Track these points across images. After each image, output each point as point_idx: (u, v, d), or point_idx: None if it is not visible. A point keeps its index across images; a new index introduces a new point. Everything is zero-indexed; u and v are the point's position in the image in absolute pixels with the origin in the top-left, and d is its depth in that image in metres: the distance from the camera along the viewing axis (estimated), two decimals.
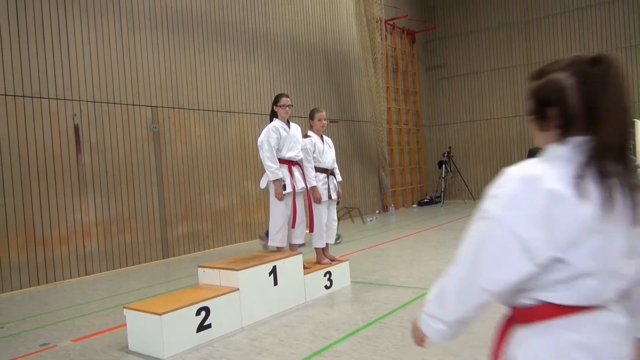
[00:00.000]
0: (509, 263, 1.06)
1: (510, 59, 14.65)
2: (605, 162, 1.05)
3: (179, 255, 8.12)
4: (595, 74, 1.08)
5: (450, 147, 15.39)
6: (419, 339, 1.36)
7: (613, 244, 1.06)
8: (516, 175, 1.10)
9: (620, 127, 1.06)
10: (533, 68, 14.14)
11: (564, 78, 1.11)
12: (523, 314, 1.11)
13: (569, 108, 1.10)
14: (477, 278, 1.11)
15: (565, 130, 1.12)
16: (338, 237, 8.67)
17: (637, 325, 1.20)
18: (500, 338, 1.19)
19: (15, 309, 5.33)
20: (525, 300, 1.11)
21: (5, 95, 6.23)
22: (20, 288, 6.20)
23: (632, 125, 1.17)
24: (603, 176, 1.04)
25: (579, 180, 1.04)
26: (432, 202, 14.79)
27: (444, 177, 14.64)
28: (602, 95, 1.06)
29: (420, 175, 15.55)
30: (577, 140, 1.09)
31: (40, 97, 6.56)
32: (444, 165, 14.76)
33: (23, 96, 6.39)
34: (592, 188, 1.04)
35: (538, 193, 1.04)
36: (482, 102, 15.22)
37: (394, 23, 14.19)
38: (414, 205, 14.63)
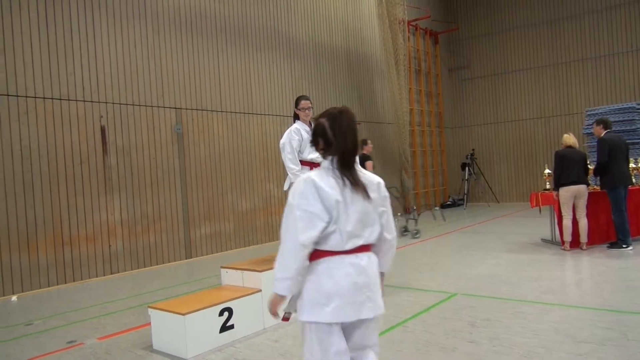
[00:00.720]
0: (312, 226, 1.90)
1: (536, 60, 14.41)
2: (343, 168, 1.97)
3: (202, 255, 8.21)
4: (339, 119, 2.00)
5: (473, 149, 15.21)
6: (274, 311, 2.09)
7: (350, 216, 1.95)
8: (301, 179, 1.97)
9: (349, 150, 1.98)
10: (560, 69, 13.95)
11: (324, 121, 2.01)
12: (312, 255, 1.97)
13: (327, 139, 1.99)
14: (298, 239, 1.89)
15: (325, 151, 2.01)
16: (417, 231, 8.92)
17: (381, 263, 2.15)
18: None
19: (43, 306, 5.46)
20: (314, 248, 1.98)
21: (35, 97, 6.39)
22: (48, 286, 6.35)
23: (357, 148, 2.06)
24: (343, 176, 1.96)
25: (334, 178, 1.95)
26: (454, 204, 14.63)
27: (467, 180, 14.47)
28: (340, 131, 1.98)
29: (443, 177, 15.41)
30: (331, 157, 1.99)
31: (69, 100, 6.71)
32: (467, 168, 14.59)
33: (52, 99, 6.54)
34: (336, 182, 1.95)
35: (311, 186, 1.92)
36: (506, 103, 15.00)
37: (416, 24, 14.10)
38: (437, 208, 14.47)
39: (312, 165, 5.03)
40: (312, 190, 1.92)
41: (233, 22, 8.99)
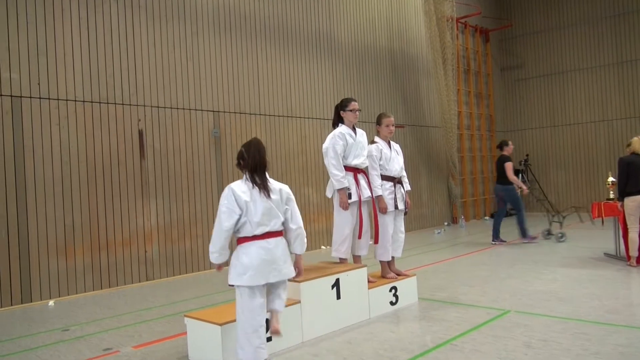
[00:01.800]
0: (230, 218, 3.11)
1: (597, 58, 13.93)
2: (253, 179, 3.22)
3: None
4: (250, 146, 3.33)
5: (527, 155, 14.82)
6: (218, 269, 3.37)
7: (257, 211, 3.16)
8: (227, 187, 3.18)
9: (256, 167, 3.24)
10: (625, 67, 13.43)
11: (242, 149, 3.34)
12: (237, 241, 3.21)
13: (244, 160, 3.28)
14: (222, 226, 3.11)
15: (243, 168, 3.29)
16: (561, 235, 8.86)
17: (294, 246, 3.37)
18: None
19: (79, 312, 5.65)
20: (237, 235, 3.21)
21: (75, 101, 6.66)
22: (85, 291, 6.57)
23: (263, 166, 3.27)
24: (253, 183, 3.21)
25: (246, 185, 3.22)
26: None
27: (521, 188, 14.08)
28: (249, 155, 3.28)
29: (494, 184, 15.05)
30: (246, 171, 3.26)
31: (108, 103, 6.96)
32: (520, 175, 14.21)
33: (92, 102, 6.80)
34: (247, 188, 3.20)
35: (230, 191, 3.16)
36: (564, 105, 14.56)
37: (465, 21, 13.91)
38: (487, 218, 14.18)
39: (356, 171, 5.02)
40: (230, 194, 3.17)
41: (273, 23, 9.11)
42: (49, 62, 6.47)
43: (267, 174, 3.29)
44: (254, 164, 3.24)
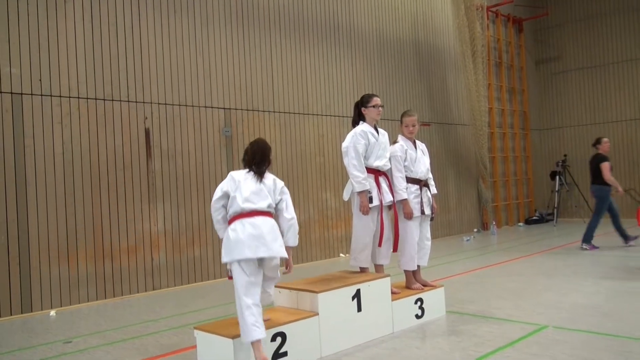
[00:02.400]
0: (219, 192, 3.82)
1: None
2: (252, 168, 3.81)
3: None
4: (257, 142, 3.96)
5: (565, 155, 14.66)
6: None
7: (247, 189, 3.70)
8: (229, 174, 3.84)
9: (259, 162, 3.81)
10: None
11: (249, 146, 3.94)
12: (228, 222, 3.74)
13: (247, 155, 3.88)
14: (213, 199, 3.83)
15: (247, 164, 3.85)
16: (637, 237, 8.74)
17: (286, 238, 3.81)
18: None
19: (82, 323, 5.72)
20: (228, 215, 3.77)
21: (78, 98, 6.76)
22: (88, 301, 6.65)
23: (262, 162, 3.84)
24: (249, 171, 3.83)
25: (246, 172, 3.84)
26: (542, 220, 14.17)
27: (558, 191, 13.95)
28: (253, 149, 3.87)
29: (528, 188, 14.94)
30: (249, 165, 3.84)
31: (112, 100, 7.04)
32: (557, 177, 14.07)
33: (95, 99, 6.89)
34: (245, 174, 3.80)
35: (231, 177, 3.81)
36: (607, 100, 14.35)
37: (497, 10, 13.81)
38: (520, 224, 14.05)
39: (378, 173, 5.01)
40: (228, 177, 3.82)
41: (288, 13, 9.14)
42: (50, 56, 6.58)
43: (267, 170, 3.85)
44: (255, 158, 3.80)
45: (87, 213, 6.72)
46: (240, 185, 3.69)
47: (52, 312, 6.22)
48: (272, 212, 3.75)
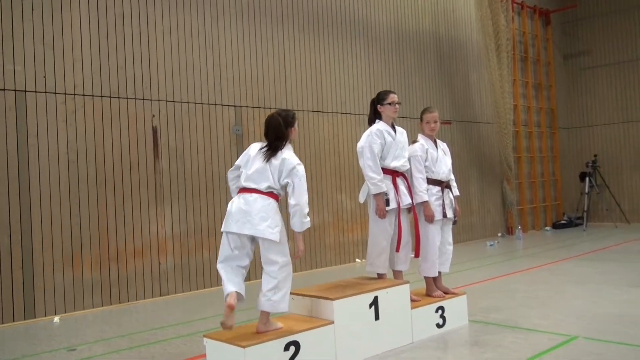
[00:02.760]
0: (235, 167, 4.18)
1: None
2: (269, 147, 4.05)
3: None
4: (265, 119, 4.18)
5: (596, 155, 14.50)
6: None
7: (252, 165, 3.98)
8: (250, 145, 4.21)
9: (271, 138, 4.07)
10: None
11: (274, 114, 4.21)
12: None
13: (266, 128, 4.17)
14: (229, 172, 4.26)
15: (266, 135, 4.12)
16: None
17: (291, 223, 3.98)
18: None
19: (87, 329, 5.77)
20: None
21: (84, 95, 6.82)
22: (93, 307, 6.70)
23: (275, 133, 4.02)
24: (266, 149, 4.03)
25: (262, 145, 4.10)
26: (571, 224, 14.05)
27: (588, 193, 13.81)
28: (265, 126, 4.14)
29: (556, 190, 14.81)
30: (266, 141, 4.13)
31: (119, 97, 7.10)
32: (587, 178, 13.93)
33: (101, 96, 6.95)
34: (258, 151, 4.06)
35: (247, 150, 4.16)
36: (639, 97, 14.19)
37: (523, 1, 13.73)
38: (547, 228, 13.93)
39: (395, 174, 4.99)
40: (246, 152, 4.06)
41: (302, 7, 9.15)
42: (55, 52, 6.64)
43: (286, 144, 4.06)
44: (267, 135, 4.06)
45: (92, 215, 6.77)
46: (248, 162, 3.98)
47: (56, 318, 6.27)
48: (276, 193, 3.98)
